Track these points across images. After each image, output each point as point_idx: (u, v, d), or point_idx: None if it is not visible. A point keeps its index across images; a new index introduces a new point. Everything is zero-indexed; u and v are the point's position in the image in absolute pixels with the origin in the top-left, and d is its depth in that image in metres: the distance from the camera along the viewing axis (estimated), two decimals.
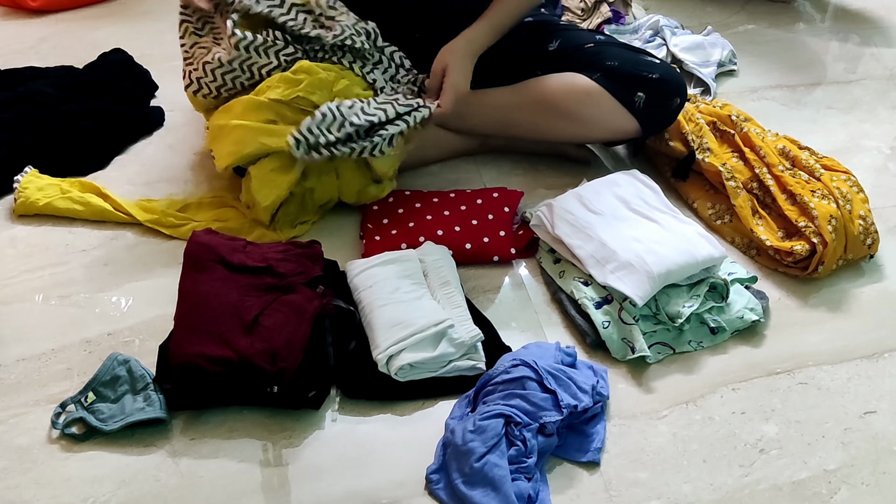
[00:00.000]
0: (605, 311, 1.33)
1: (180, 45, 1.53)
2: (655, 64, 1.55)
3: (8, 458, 1.14)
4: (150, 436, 1.17)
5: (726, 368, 1.31)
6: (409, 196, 1.54)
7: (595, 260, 1.36)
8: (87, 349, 1.28)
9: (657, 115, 1.55)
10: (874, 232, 1.46)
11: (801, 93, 1.96)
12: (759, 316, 1.36)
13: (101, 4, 2.14)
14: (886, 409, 1.26)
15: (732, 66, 2.00)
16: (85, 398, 1.18)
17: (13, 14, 2.09)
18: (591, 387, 1.19)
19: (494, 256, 1.45)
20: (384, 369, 1.22)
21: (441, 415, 1.21)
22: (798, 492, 1.15)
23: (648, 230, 1.39)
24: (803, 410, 1.25)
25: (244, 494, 1.11)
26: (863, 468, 1.18)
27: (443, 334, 1.23)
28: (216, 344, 1.18)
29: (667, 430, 1.22)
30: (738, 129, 1.62)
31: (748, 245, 1.51)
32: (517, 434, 1.13)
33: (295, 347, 1.18)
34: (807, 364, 1.32)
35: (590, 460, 1.17)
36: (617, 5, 2.08)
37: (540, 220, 1.45)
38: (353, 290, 1.34)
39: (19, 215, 1.49)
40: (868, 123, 1.87)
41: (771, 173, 1.53)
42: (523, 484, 1.10)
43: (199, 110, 1.54)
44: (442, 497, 1.11)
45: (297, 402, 1.19)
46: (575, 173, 1.63)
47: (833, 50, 2.14)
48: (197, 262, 1.29)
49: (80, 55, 1.89)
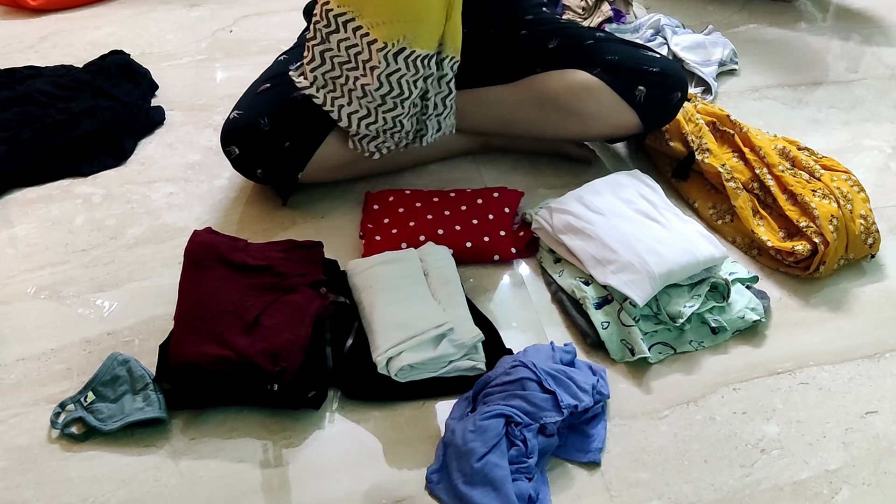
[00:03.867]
0: (606, 312, 1.32)
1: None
2: (656, 58, 1.55)
3: (8, 457, 1.14)
4: (150, 436, 1.17)
5: (727, 368, 1.31)
6: (410, 195, 1.53)
7: (596, 260, 1.36)
8: (87, 349, 1.28)
9: (658, 110, 1.55)
10: (875, 231, 1.46)
11: (803, 92, 1.96)
12: (761, 316, 1.35)
13: (101, 3, 2.14)
14: (888, 409, 1.26)
15: (733, 66, 2.00)
16: (84, 398, 1.17)
17: (13, 13, 2.09)
18: (592, 386, 1.19)
19: (495, 256, 1.45)
20: (384, 371, 1.22)
21: (441, 415, 1.21)
22: (799, 492, 1.15)
23: (649, 230, 1.39)
24: (804, 410, 1.25)
25: (244, 494, 1.11)
26: (864, 468, 1.18)
27: (443, 335, 1.23)
28: (216, 344, 1.17)
29: (668, 430, 1.21)
30: (738, 129, 1.61)
31: (749, 245, 1.51)
32: (518, 434, 1.13)
33: (296, 347, 1.18)
34: (808, 364, 1.32)
35: (590, 460, 1.16)
36: (618, 4, 2.08)
37: (540, 223, 1.45)
38: (353, 291, 1.33)
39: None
40: (870, 123, 1.87)
41: (771, 173, 1.53)
42: (524, 484, 1.10)
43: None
44: (442, 497, 1.11)
45: (296, 401, 1.18)
46: (576, 173, 1.63)
47: (834, 49, 2.14)
48: (197, 261, 1.29)
49: (80, 54, 1.89)
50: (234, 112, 1.47)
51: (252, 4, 2.17)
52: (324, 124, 1.48)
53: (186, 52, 1.98)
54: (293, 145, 1.46)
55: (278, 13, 2.13)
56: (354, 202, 1.56)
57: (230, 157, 1.48)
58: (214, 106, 1.78)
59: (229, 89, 1.81)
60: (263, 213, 1.54)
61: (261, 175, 1.48)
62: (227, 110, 1.49)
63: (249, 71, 1.60)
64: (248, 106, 1.48)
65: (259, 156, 1.46)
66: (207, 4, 2.18)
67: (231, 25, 2.10)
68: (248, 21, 2.12)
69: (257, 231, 1.49)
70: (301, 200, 1.54)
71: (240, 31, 2.08)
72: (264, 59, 1.64)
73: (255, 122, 1.45)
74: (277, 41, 1.98)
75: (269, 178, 1.49)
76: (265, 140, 1.45)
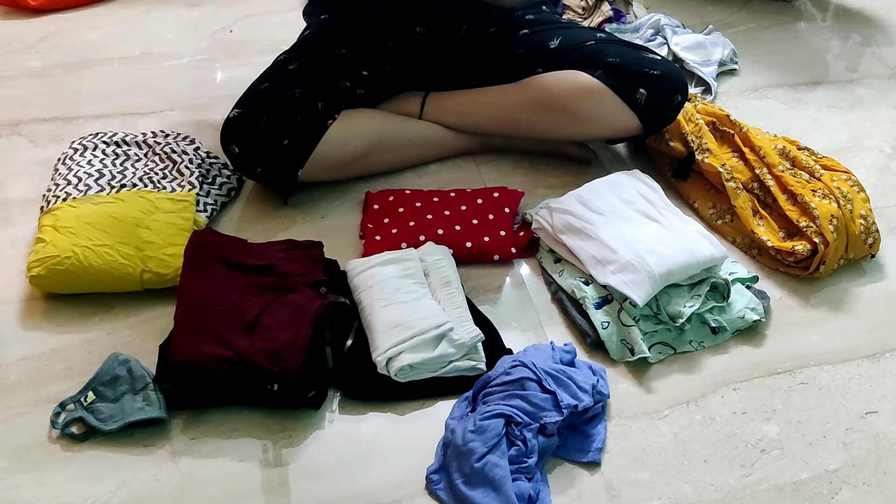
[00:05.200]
0: (606, 312, 1.32)
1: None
2: (657, 60, 1.55)
3: (8, 457, 1.14)
4: (150, 436, 1.17)
5: (727, 368, 1.31)
6: (410, 195, 1.53)
7: (596, 260, 1.36)
8: (87, 349, 1.28)
9: (659, 112, 1.55)
10: (875, 231, 1.46)
11: (803, 92, 1.96)
12: (761, 316, 1.35)
13: (101, 4, 2.14)
14: (888, 409, 1.26)
15: (733, 66, 2.00)
16: (85, 398, 1.17)
17: (13, 13, 2.08)
18: (592, 386, 1.19)
19: (495, 256, 1.45)
20: (384, 371, 1.22)
21: (441, 415, 1.21)
22: (799, 492, 1.15)
23: (649, 230, 1.39)
24: (804, 410, 1.25)
25: (244, 494, 1.11)
26: (864, 468, 1.18)
27: (443, 335, 1.23)
28: (216, 344, 1.17)
29: (668, 430, 1.21)
30: (738, 130, 1.61)
31: (749, 245, 1.51)
32: (518, 434, 1.13)
33: (296, 347, 1.18)
34: (808, 364, 1.32)
35: (590, 460, 1.16)
36: (618, 4, 2.07)
37: (540, 223, 1.45)
38: (353, 290, 1.33)
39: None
40: (869, 122, 1.87)
41: (771, 173, 1.53)
42: (524, 484, 1.10)
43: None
44: (442, 497, 1.11)
45: (296, 401, 1.18)
46: (576, 173, 1.63)
47: (834, 49, 2.14)
48: (198, 261, 1.29)
49: (80, 54, 1.89)
50: (233, 111, 1.48)
51: (252, 4, 2.17)
52: (323, 122, 1.48)
53: (186, 52, 1.98)
54: (292, 143, 1.46)
55: (278, 13, 2.13)
56: (354, 202, 1.56)
57: (230, 156, 1.49)
58: (214, 106, 1.78)
59: (229, 89, 1.80)
60: (263, 213, 1.53)
61: (261, 174, 1.48)
62: (227, 110, 1.49)
63: (249, 71, 1.60)
64: (247, 104, 1.48)
65: (259, 154, 1.47)
66: (207, 4, 2.18)
67: (231, 25, 2.10)
68: (248, 21, 2.12)
69: (257, 231, 1.49)
70: (301, 200, 1.54)
71: (240, 32, 2.07)
72: (264, 59, 1.64)
73: (255, 120, 1.45)
74: (277, 41, 1.98)
75: (269, 176, 1.49)
76: (264, 138, 1.45)
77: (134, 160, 1.52)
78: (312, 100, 1.48)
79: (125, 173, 1.48)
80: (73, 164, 1.49)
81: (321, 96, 1.50)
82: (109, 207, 1.40)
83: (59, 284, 1.32)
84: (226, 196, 1.54)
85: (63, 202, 1.40)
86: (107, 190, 1.44)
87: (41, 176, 1.58)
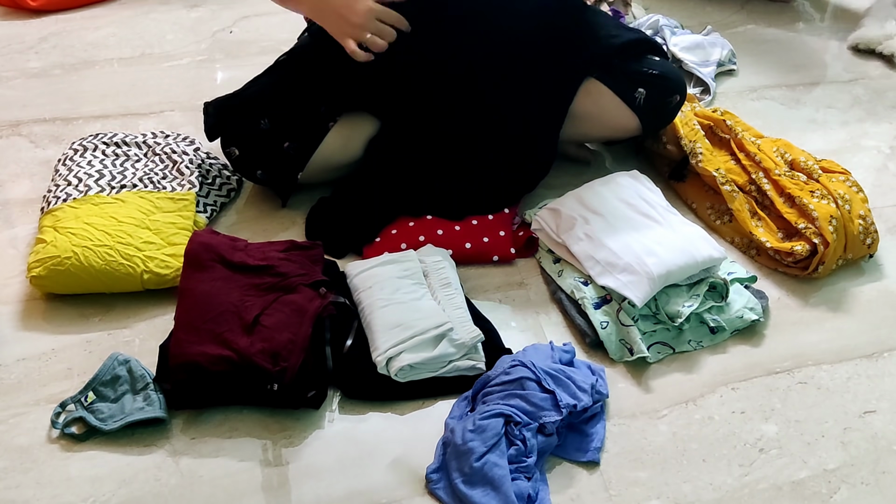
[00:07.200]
0: (605, 312, 1.33)
1: None
2: (655, 61, 1.55)
3: (8, 457, 1.14)
4: (150, 435, 1.17)
5: (726, 368, 1.31)
6: None
7: (595, 261, 1.36)
8: (87, 349, 1.28)
9: (657, 112, 1.55)
10: (874, 231, 1.46)
11: (801, 92, 1.96)
12: (759, 315, 1.36)
13: (101, 4, 2.15)
14: (886, 409, 1.26)
15: (732, 66, 2.00)
16: (85, 398, 1.18)
17: (13, 14, 2.09)
18: (591, 385, 1.19)
19: (494, 256, 1.45)
20: (384, 371, 1.22)
21: (440, 414, 1.21)
22: (798, 491, 1.15)
23: (648, 231, 1.39)
24: (803, 410, 1.26)
25: (244, 494, 1.11)
26: (862, 468, 1.18)
27: (443, 335, 1.23)
28: (216, 344, 1.18)
29: (666, 430, 1.22)
30: (734, 135, 1.61)
31: (748, 245, 1.51)
32: (517, 433, 1.13)
33: (296, 347, 1.18)
34: (806, 363, 1.32)
35: (589, 460, 1.17)
36: (617, 5, 2.08)
37: (540, 223, 1.45)
38: (353, 291, 1.34)
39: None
40: (867, 123, 1.87)
41: (768, 177, 1.53)
42: (523, 483, 1.10)
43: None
44: (442, 496, 1.11)
45: (296, 401, 1.19)
46: (575, 173, 1.63)
47: (832, 49, 2.14)
48: (198, 261, 1.29)
49: (79, 55, 1.89)
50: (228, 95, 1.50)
51: (252, 5, 2.18)
52: (323, 124, 1.48)
53: (186, 52, 1.99)
54: (293, 146, 1.46)
55: (278, 14, 2.11)
56: None
57: (230, 158, 1.49)
58: None
59: (229, 90, 1.80)
60: (263, 213, 1.54)
61: (261, 176, 1.49)
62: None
63: (249, 71, 1.60)
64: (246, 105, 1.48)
65: (259, 156, 1.47)
66: (207, 5, 2.18)
67: (231, 26, 2.10)
68: (248, 22, 2.12)
69: (257, 231, 1.50)
70: (301, 200, 1.55)
71: (240, 32, 2.08)
72: (264, 60, 1.64)
73: (255, 122, 1.45)
74: (277, 42, 1.99)
75: (269, 178, 1.49)
76: (265, 140, 1.45)
77: (134, 160, 1.52)
78: (313, 103, 1.49)
79: (125, 174, 1.48)
80: (73, 164, 1.49)
81: (322, 99, 1.50)
82: (110, 208, 1.40)
83: (60, 285, 1.33)
84: (225, 197, 1.54)
85: (63, 203, 1.41)
86: (107, 190, 1.44)
87: (41, 176, 1.58)
